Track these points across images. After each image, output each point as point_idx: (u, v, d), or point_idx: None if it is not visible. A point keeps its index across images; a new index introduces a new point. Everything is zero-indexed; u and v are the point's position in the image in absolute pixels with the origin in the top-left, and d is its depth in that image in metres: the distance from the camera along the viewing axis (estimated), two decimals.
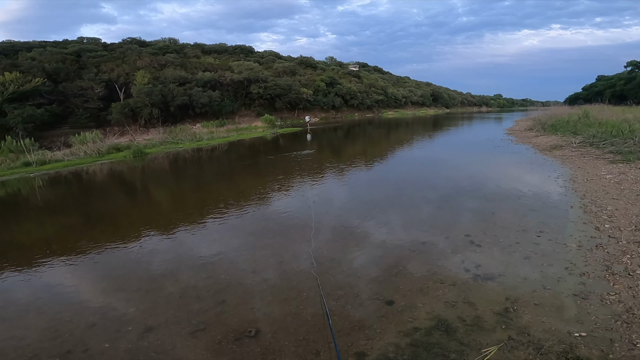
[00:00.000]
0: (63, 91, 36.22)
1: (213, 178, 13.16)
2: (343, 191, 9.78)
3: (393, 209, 7.79)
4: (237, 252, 6.08)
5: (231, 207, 8.50)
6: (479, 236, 6.11)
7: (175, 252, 6.21)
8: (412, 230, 6.59)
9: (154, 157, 20.26)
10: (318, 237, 6.35)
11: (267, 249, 6.10)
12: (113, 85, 39.35)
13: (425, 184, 10.18)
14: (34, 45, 46.57)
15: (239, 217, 7.80)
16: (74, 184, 13.87)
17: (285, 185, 10.61)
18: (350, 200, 8.86)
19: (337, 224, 7.07)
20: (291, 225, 7.15)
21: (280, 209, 8.29)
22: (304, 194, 9.52)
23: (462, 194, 8.67)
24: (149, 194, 11.09)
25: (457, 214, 7.25)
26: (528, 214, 6.95)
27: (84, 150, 21.51)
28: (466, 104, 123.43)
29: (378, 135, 29.29)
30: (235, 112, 45.64)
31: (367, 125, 44.24)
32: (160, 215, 8.66)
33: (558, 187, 8.60)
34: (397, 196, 8.89)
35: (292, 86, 50.72)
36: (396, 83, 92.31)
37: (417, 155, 16.09)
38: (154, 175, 15.00)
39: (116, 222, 8.15)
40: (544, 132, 20.56)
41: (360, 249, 5.94)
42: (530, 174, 10.19)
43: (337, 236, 6.50)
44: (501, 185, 9.18)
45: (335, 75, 65.10)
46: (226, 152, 21.66)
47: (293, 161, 15.15)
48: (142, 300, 4.72)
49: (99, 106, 37.12)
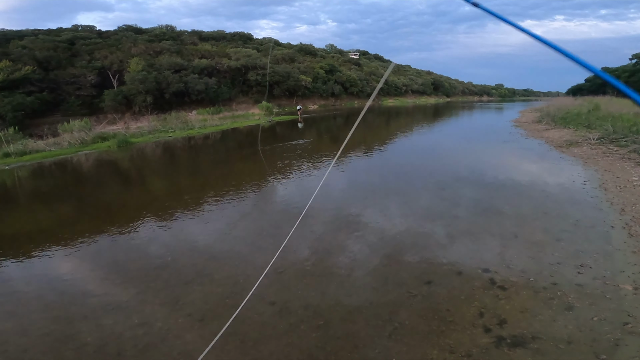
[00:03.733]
0: (54, 79, 34.68)
1: (194, 174, 11.65)
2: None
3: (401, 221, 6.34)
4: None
5: (207, 214, 7.02)
6: (501, 272, 4.61)
7: (142, 250, 4.75)
8: (420, 257, 5.10)
9: (140, 147, 18.72)
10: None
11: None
12: (106, 73, 37.72)
13: (432, 193, 8.67)
14: (27, 34, 44.44)
15: (207, 231, 6.32)
16: (45, 178, 12.38)
17: (274, 191, 9.10)
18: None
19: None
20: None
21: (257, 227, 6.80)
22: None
23: (474, 205, 7.15)
24: (116, 193, 9.57)
25: (469, 236, 5.74)
26: (561, 237, 5.44)
27: (68, 140, 20.01)
28: (467, 93, 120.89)
29: (378, 126, 27.55)
30: (233, 99, 44.01)
31: (367, 113, 42.45)
32: (124, 217, 7.18)
33: (589, 198, 7.06)
34: (402, 203, 7.41)
35: (290, 73, 48.85)
36: (397, 71, 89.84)
37: (421, 151, 14.39)
38: (130, 170, 13.47)
39: (72, 228, 6.67)
40: (554, 125, 18.89)
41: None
42: (551, 178, 8.62)
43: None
44: (521, 193, 7.61)
45: (335, 63, 63.01)
46: (217, 141, 20.10)
47: (287, 152, 13.61)
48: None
49: (91, 94, 35.64)
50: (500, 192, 7.69)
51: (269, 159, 13.30)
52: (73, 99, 34.53)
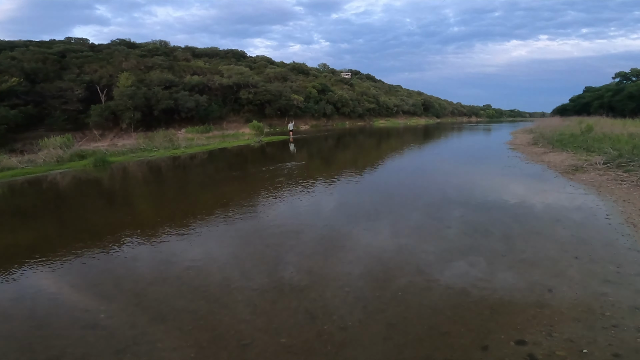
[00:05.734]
0: (40, 92, 33.29)
1: (168, 200, 10.37)
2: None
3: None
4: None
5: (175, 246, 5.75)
6: (542, 342, 3.41)
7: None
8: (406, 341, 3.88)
9: (119, 166, 17.39)
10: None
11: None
12: (95, 87, 36.43)
13: (437, 233, 7.51)
14: (18, 45, 43.23)
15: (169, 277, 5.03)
16: (8, 198, 10.98)
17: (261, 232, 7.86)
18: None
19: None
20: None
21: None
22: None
23: (488, 250, 5.99)
24: (79, 220, 8.21)
25: (481, 303, 4.55)
26: (605, 292, 4.26)
27: (43, 157, 18.61)
28: (456, 114, 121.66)
29: (370, 147, 26.63)
30: (224, 117, 42.92)
31: (359, 134, 41.61)
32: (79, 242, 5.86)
33: (619, 236, 5.92)
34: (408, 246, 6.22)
35: (282, 92, 48.07)
36: (388, 91, 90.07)
37: (421, 178, 13.17)
38: (100, 193, 12.14)
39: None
40: (551, 147, 18.02)
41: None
42: (569, 211, 7.48)
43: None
44: (541, 232, 6.40)
45: (328, 82, 62.62)
46: (202, 163, 18.80)
47: (278, 177, 12.40)
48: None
49: (78, 108, 34.23)
50: (519, 232, 6.50)
51: (254, 184, 12.10)
52: (58, 113, 33.11)
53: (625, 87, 55.05)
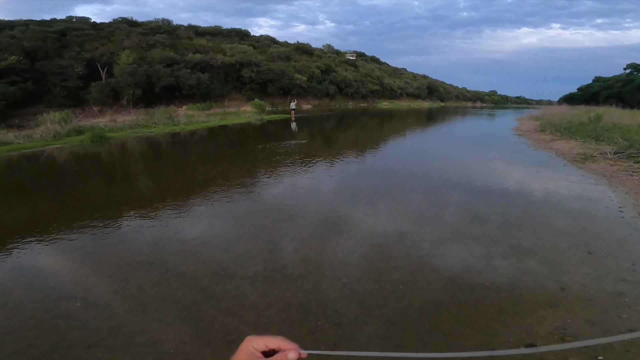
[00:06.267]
0: (40, 69, 32.73)
1: (164, 175, 10.01)
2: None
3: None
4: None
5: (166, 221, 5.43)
6: (555, 350, 3.09)
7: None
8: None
9: (117, 142, 17.01)
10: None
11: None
12: (95, 65, 35.72)
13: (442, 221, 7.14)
14: (18, 24, 42.13)
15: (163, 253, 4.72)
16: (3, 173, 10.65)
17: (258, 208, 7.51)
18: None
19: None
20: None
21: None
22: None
23: (495, 242, 5.65)
24: (69, 197, 7.87)
25: (487, 301, 4.23)
26: (621, 290, 3.93)
27: (40, 132, 18.24)
28: (461, 99, 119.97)
29: (372, 129, 26.07)
30: (225, 95, 42.28)
31: (361, 115, 40.93)
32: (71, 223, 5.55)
33: (633, 231, 5.58)
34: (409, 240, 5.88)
35: (285, 72, 47.18)
36: (393, 74, 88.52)
37: (424, 163, 12.70)
38: (96, 167, 11.77)
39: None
40: (559, 135, 17.50)
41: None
42: (580, 202, 7.06)
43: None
44: (550, 224, 6.02)
45: (332, 63, 61.38)
46: (201, 140, 18.38)
47: (277, 155, 11.99)
48: None
49: (78, 85, 33.69)
50: (528, 222, 6.11)
51: (254, 161, 11.72)
52: (58, 90, 32.62)
53: (636, 78, 54.03)
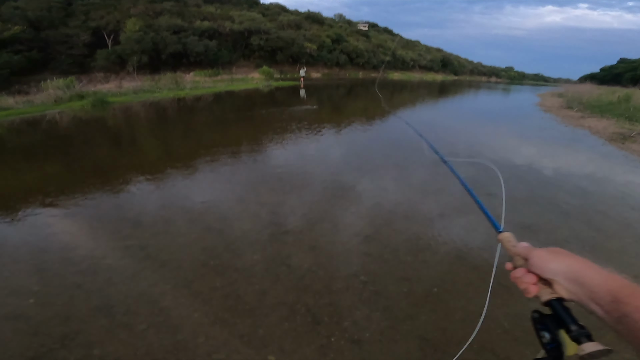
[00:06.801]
0: (45, 38, 31.97)
1: (165, 140, 9.15)
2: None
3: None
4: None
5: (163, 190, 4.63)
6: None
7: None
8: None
9: (120, 107, 16.21)
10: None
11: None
12: (101, 33, 34.72)
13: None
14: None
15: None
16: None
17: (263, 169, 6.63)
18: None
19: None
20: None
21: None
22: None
23: (546, 231, 4.73)
24: (58, 162, 7.07)
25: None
26: None
27: (41, 98, 17.56)
28: (475, 73, 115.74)
29: (386, 98, 24.74)
30: (233, 62, 41.01)
31: (371, 85, 39.37)
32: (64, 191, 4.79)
33: None
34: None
35: (295, 40, 45.41)
36: (405, 46, 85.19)
37: (446, 136, 11.60)
38: (92, 133, 10.93)
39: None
40: (589, 112, 16.25)
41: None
42: (632, 189, 6.04)
43: None
44: (605, 212, 4.91)
45: (343, 33, 58.97)
46: (207, 105, 17.42)
47: (285, 120, 11.02)
48: None
49: (83, 53, 32.86)
50: (580, 209, 5.14)
51: (259, 127, 10.79)
52: (64, 57, 31.93)
53: None
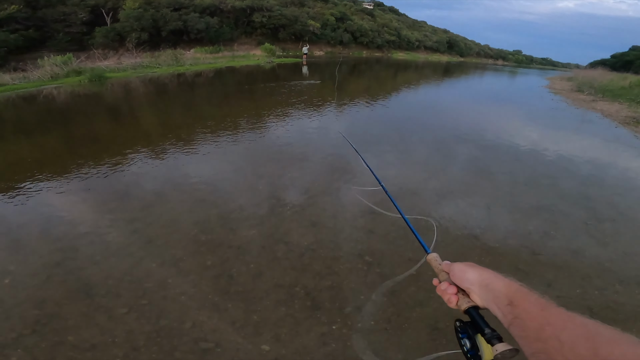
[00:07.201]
0: (42, 17, 31.15)
1: (161, 115, 8.79)
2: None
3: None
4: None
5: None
6: None
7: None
8: None
9: (117, 82, 15.81)
10: None
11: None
12: (99, 11, 33.92)
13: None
14: None
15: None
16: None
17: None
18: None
19: None
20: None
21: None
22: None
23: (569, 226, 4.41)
24: (47, 137, 6.75)
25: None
26: None
27: (38, 74, 17.17)
28: (482, 55, 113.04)
29: (384, 78, 24.08)
30: (235, 39, 40.32)
31: (375, 64, 38.54)
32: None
33: None
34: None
35: (298, 17, 44.43)
36: (411, 26, 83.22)
37: (455, 119, 11.07)
38: (88, 107, 10.57)
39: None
40: (600, 96, 15.74)
41: None
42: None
43: None
44: (625, 202, 4.73)
45: (347, 11, 57.62)
46: (207, 81, 16.99)
47: (285, 96, 10.62)
48: None
49: (82, 30, 32.20)
50: (598, 200, 4.83)
51: (259, 103, 10.40)
52: (61, 35, 31.27)
53: None
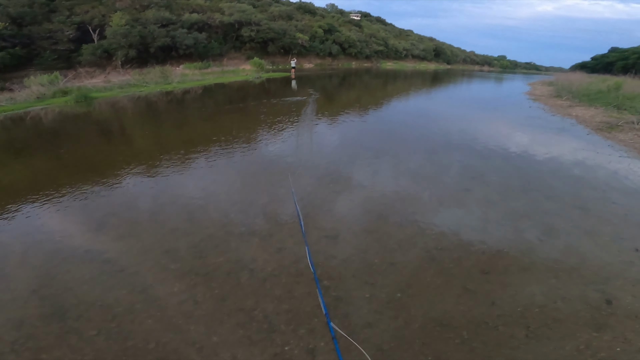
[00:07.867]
0: (28, 34, 31.22)
1: (145, 136, 8.93)
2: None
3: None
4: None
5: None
6: None
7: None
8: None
9: (104, 102, 15.94)
10: None
11: None
12: (86, 28, 34.02)
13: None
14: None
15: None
16: None
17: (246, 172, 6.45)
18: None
19: None
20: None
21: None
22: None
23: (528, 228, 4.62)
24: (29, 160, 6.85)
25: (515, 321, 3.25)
26: None
27: (25, 95, 17.23)
28: (468, 62, 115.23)
29: (374, 88, 24.47)
30: (224, 54, 40.58)
31: (364, 74, 39.07)
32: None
33: None
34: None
35: (287, 31, 44.87)
36: (398, 35, 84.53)
37: (437, 128, 11.43)
38: (74, 129, 10.68)
39: None
40: (577, 101, 16.14)
41: None
42: (615, 181, 5.90)
43: None
44: (586, 207, 4.86)
45: (335, 23, 58.34)
46: (195, 98, 17.13)
47: (274, 113, 10.82)
48: None
49: (69, 48, 32.22)
50: (559, 205, 5.06)
51: (247, 120, 10.58)
52: (48, 53, 31.27)
53: None
